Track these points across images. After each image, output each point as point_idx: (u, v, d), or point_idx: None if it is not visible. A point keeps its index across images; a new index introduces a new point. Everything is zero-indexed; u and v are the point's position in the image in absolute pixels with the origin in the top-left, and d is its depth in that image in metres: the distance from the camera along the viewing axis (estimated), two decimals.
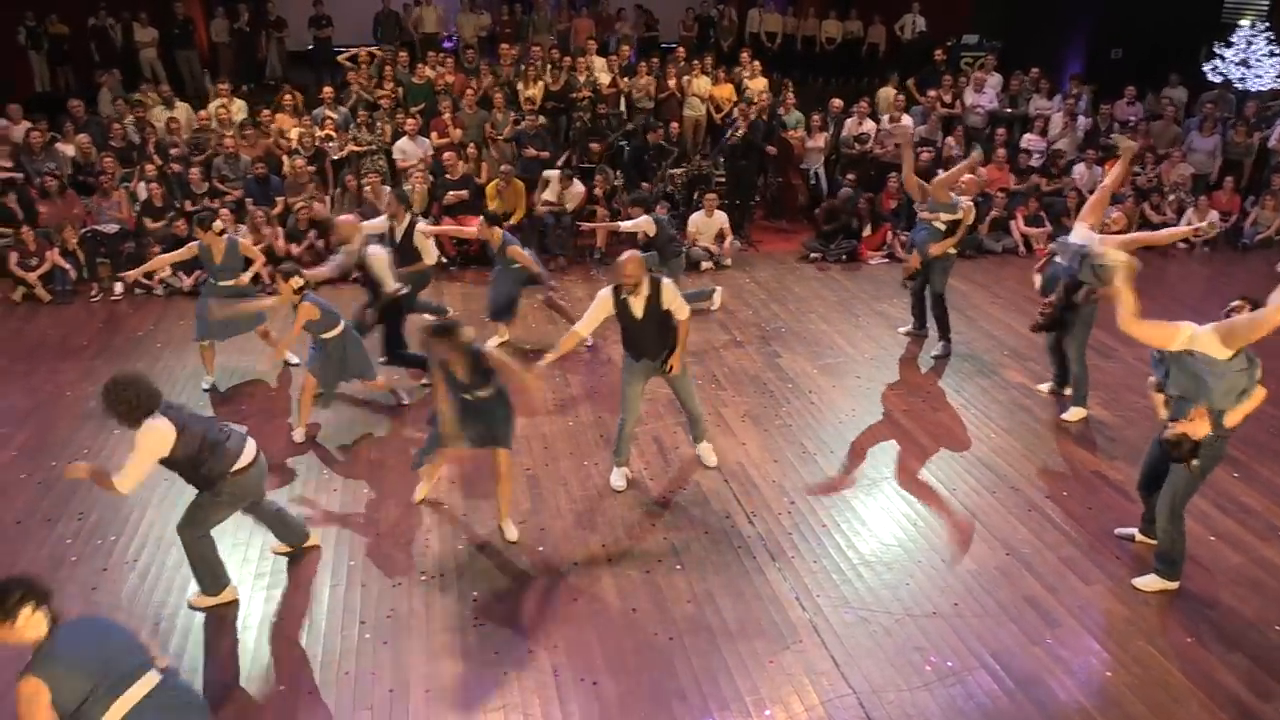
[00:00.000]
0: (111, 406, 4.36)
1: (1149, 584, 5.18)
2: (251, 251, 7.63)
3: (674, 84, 12.67)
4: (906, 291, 8.62)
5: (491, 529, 5.71)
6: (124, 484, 4.39)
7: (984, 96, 12.97)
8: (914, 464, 6.54)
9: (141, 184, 10.39)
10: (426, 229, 8.16)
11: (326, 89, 12.00)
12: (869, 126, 12.19)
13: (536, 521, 5.82)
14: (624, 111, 12.44)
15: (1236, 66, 13.38)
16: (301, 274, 6.49)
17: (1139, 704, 4.42)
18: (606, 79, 12.57)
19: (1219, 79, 13.52)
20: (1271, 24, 13.49)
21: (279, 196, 10.56)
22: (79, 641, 3.15)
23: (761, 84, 12.85)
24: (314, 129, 11.21)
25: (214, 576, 5.00)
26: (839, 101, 12.63)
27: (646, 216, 8.60)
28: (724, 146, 11.58)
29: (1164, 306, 9.15)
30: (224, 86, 11.98)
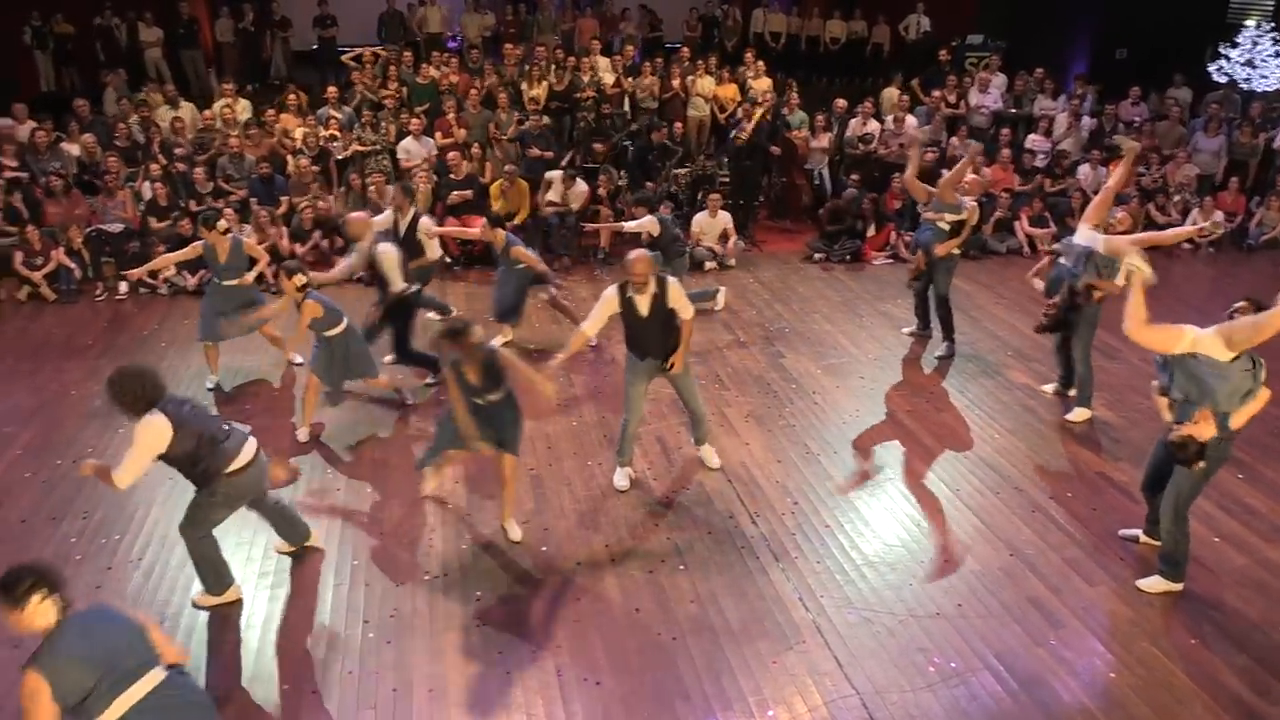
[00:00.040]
0: (116, 397, 4.39)
1: (1153, 585, 5.17)
2: (256, 251, 7.64)
3: (678, 84, 12.67)
4: (910, 292, 8.61)
5: (495, 529, 5.71)
6: (122, 479, 4.40)
7: (988, 97, 12.96)
8: (918, 465, 6.54)
9: (146, 183, 10.41)
10: (431, 228, 8.16)
11: (331, 89, 12.02)
12: (873, 127, 12.19)
13: (540, 521, 5.82)
14: (628, 111, 12.45)
15: (1242, 67, 13.33)
16: (305, 272, 6.50)
17: (1143, 705, 4.41)
18: (611, 79, 12.58)
19: (1224, 79, 13.48)
20: (1277, 24, 13.45)
21: (283, 196, 10.58)
22: (83, 636, 3.14)
23: (765, 84, 12.85)
24: (318, 129, 11.23)
25: (217, 576, 5.00)
26: (843, 102, 12.63)
27: (651, 216, 8.60)
28: (729, 148, 11.58)
29: (1168, 307, 9.10)
30: (229, 86, 12.02)
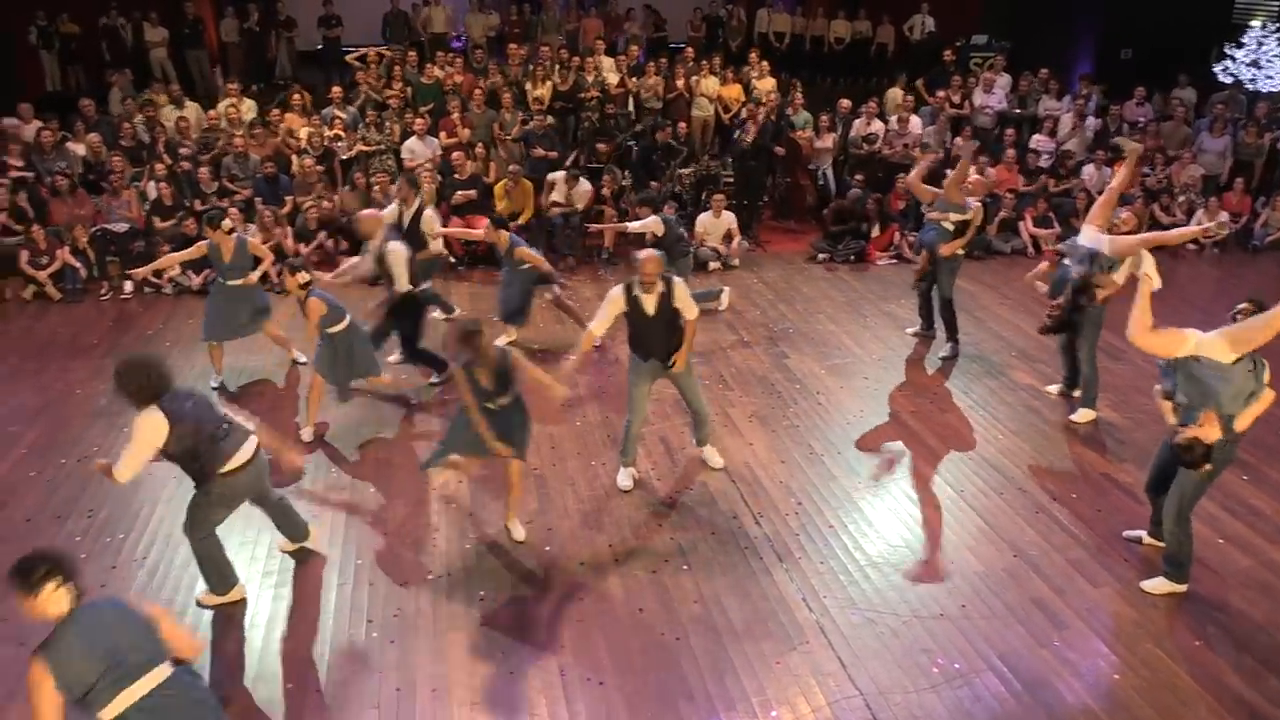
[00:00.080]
0: (121, 386, 4.42)
1: (1157, 587, 5.17)
2: (260, 250, 7.65)
3: (682, 84, 12.65)
4: (914, 292, 8.60)
5: (499, 529, 5.71)
6: (121, 472, 4.43)
7: (993, 97, 12.93)
8: (921, 465, 6.53)
9: (151, 183, 10.43)
10: (435, 226, 8.17)
11: (335, 89, 12.04)
12: (877, 127, 12.17)
13: (543, 521, 5.83)
14: (632, 112, 12.45)
15: (1247, 67, 13.32)
16: (308, 269, 6.52)
17: (1147, 707, 4.41)
18: (615, 79, 12.58)
19: (1229, 80, 13.46)
20: None
21: (288, 196, 10.60)
22: (91, 629, 3.15)
23: (770, 84, 12.84)
24: (323, 129, 11.24)
25: (221, 576, 5.01)
26: (847, 102, 12.62)
27: (655, 217, 8.60)
28: (734, 149, 11.55)
29: (1173, 309, 9.10)
30: (234, 86, 12.04)
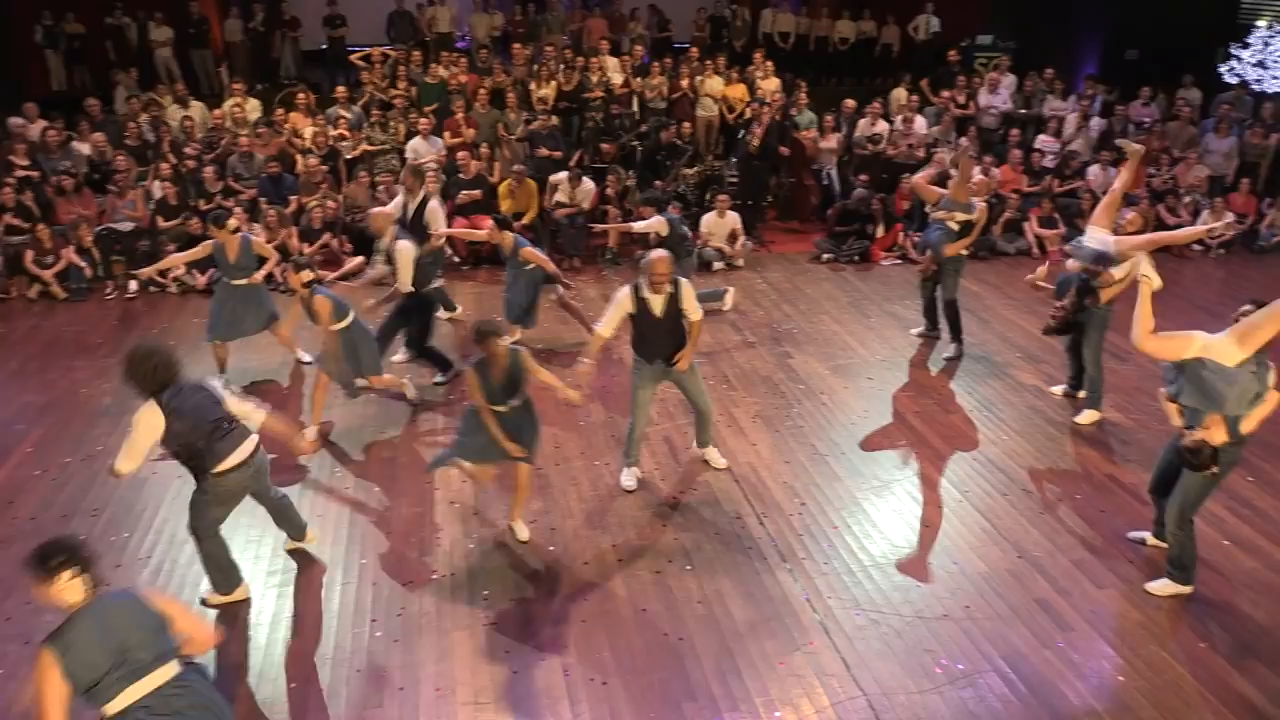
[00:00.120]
0: (128, 373, 4.46)
1: (1162, 588, 5.15)
2: (265, 250, 7.66)
3: (686, 84, 12.65)
4: (919, 293, 8.59)
5: (503, 528, 5.72)
6: (121, 465, 4.47)
7: (998, 97, 12.92)
8: (926, 466, 6.52)
9: (156, 183, 10.46)
10: (440, 225, 8.18)
11: (340, 88, 12.06)
12: (882, 127, 12.16)
13: (547, 521, 5.83)
14: (636, 112, 12.44)
15: (1253, 68, 13.29)
16: (312, 267, 6.54)
17: (1151, 709, 4.39)
18: (619, 79, 12.59)
19: (1235, 80, 13.43)
20: None
21: (292, 195, 10.61)
22: (102, 622, 3.15)
23: (774, 84, 12.83)
24: (327, 128, 11.26)
25: (225, 575, 5.01)
26: (852, 102, 12.61)
27: (659, 217, 8.59)
28: (739, 151, 11.52)
29: (1179, 309, 9.11)
30: (239, 85, 12.06)
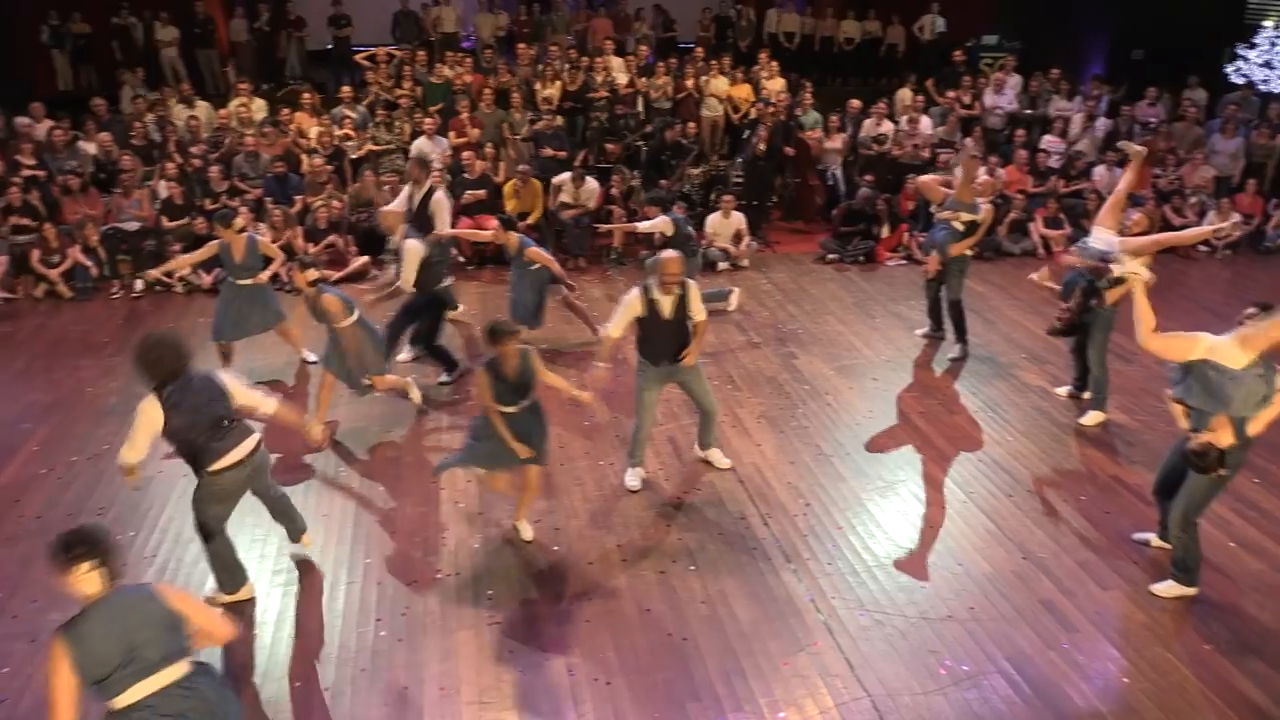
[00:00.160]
0: (136, 360, 4.49)
1: (1167, 590, 5.14)
2: (270, 250, 7.67)
3: (691, 84, 12.65)
4: (923, 293, 8.57)
5: (507, 528, 5.72)
6: (124, 455, 4.53)
7: (1003, 97, 12.89)
8: (930, 467, 6.52)
9: (162, 182, 10.48)
10: (445, 222, 8.19)
11: (345, 88, 12.09)
12: (887, 127, 12.14)
13: (552, 521, 5.83)
14: (641, 112, 12.44)
15: (1260, 68, 13.25)
16: (318, 266, 6.55)
17: (1156, 711, 4.39)
18: (624, 79, 12.58)
19: (1242, 80, 13.39)
20: None
21: (298, 195, 10.62)
22: (115, 617, 3.16)
23: (779, 84, 12.83)
24: (333, 128, 11.28)
25: (231, 574, 5.03)
26: (857, 102, 12.60)
27: (664, 217, 8.60)
28: (745, 155, 11.50)
29: (1185, 310, 9.10)
30: (245, 85, 12.09)
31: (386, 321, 7.72)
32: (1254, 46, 13.32)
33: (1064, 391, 7.52)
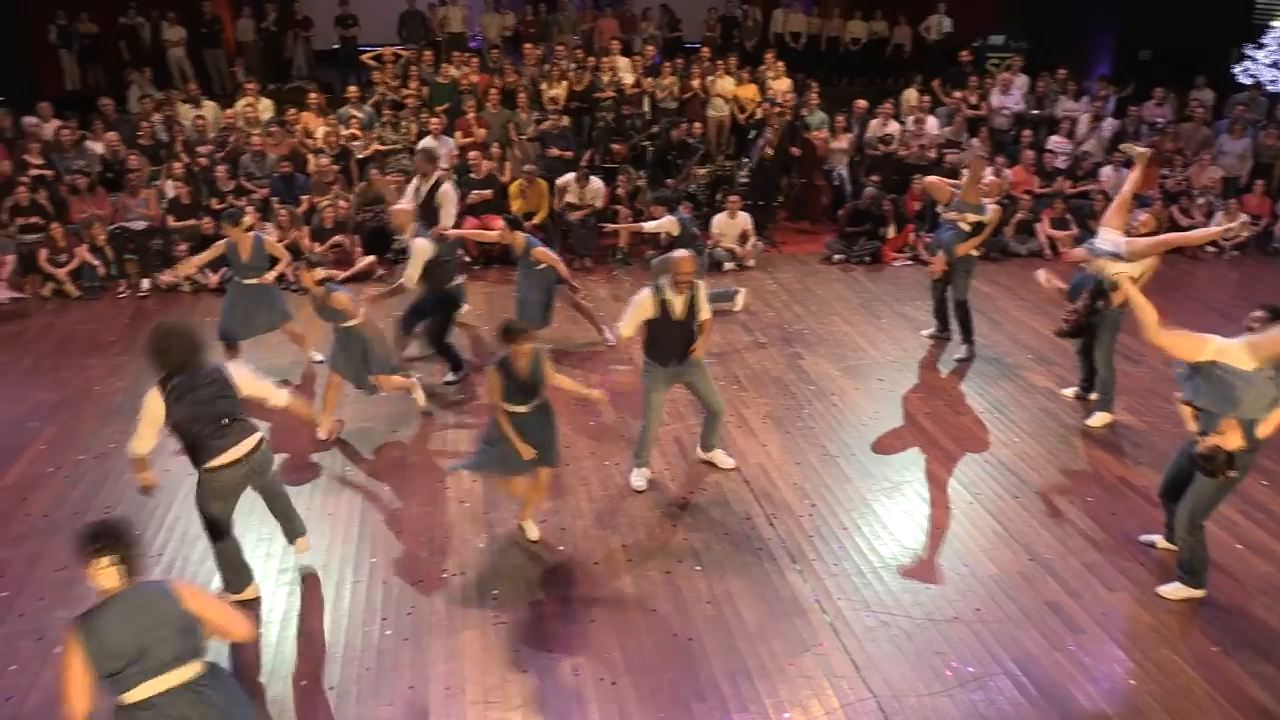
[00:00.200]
0: (149, 347, 4.52)
1: (1174, 592, 5.12)
2: (277, 249, 7.68)
3: (697, 84, 12.64)
4: (929, 294, 8.56)
5: (513, 528, 5.72)
6: (132, 446, 4.57)
7: (1010, 98, 12.87)
8: (936, 468, 6.51)
9: (169, 182, 10.51)
10: (451, 218, 8.21)
11: (352, 88, 12.10)
12: (893, 128, 12.12)
13: (557, 521, 5.83)
14: (648, 112, 12.44)
15: (1268, 68, 13.21)
16: (325, 265, 6.57)
17: (1162, 713, 4.38)
18: (630, 79, 12.58)
19: (1250, 81, 13.35)
20: None
21: (304, 195, 10.64)
22: (128, 615, 3.17)
23: (785, 84, 12.82)
24: (339, 128, 11.29)
25: (238, 575, 5.03)
26: (863, 102, 12.58)
27: (670, 216, 8.60)
28: (751, 158, 11.48)
29: (1193, 312, 9.07)
30: (251, 85, 12.12)
31: (397, 317, 7.75)
32: (1262, 47, 13.30)
33: (1071, 393, 7.50)
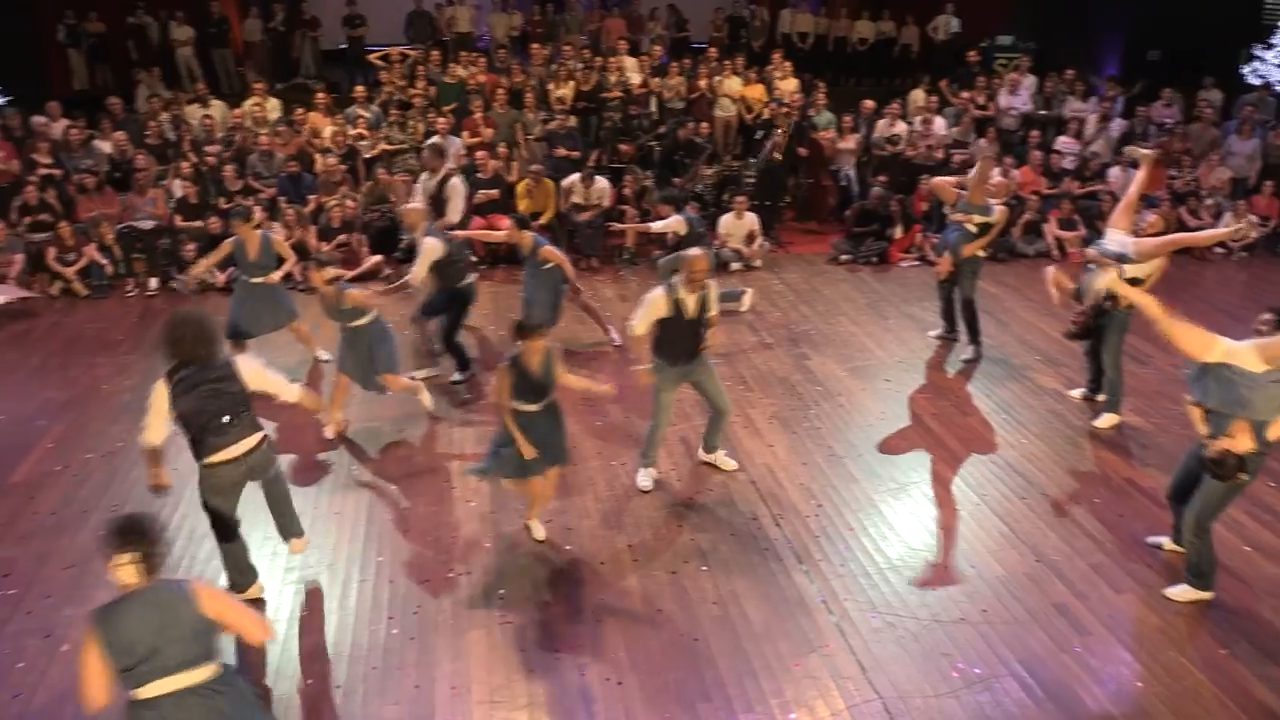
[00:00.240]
0: (163, 334, 4.53)
1: (1181, 594, 5.11)
2: (284, 249, 7.70)
3: (705, 84, 12.64)
4: (936, 294, 8.54)
5: (519, 527, 5.73)
6: (145, 435, 4.58)
7: (1018, 98, 12.84)
8: (943, 468, 6.50)
9: (177, 181, 10.53)
10: (459, 196, 8.19)
11: (359, 88, 12.12)
12: (900, 128, 12.10)
13: (564, 521, 5.83)
14: (655, 112, 12.44)
15: (1277, 69, 13.16)
16: (334, 264, 6.58)
17: (1169, 715, 4.36)
18: (637, 79, 12.59)
19: (1258, 81, 13.30)
20: None
21: (311, 195, 10.66)
22: (142, 614, 3.19)
23: (792, 85, 12.81)
24: (347, 128, 11.31)
25: (243, 574, 5.05)
26: (870, 102, 12.56)
27: (678, 216, 8.60)
28: (761, 161, 11.46)
29: (1201, 313, 8.98)
30: (260, 85, 12.15)
31: (410, 315, 7.77)
32: (1271, 47, 13.25)
33: (1078, 394, 7.48)
